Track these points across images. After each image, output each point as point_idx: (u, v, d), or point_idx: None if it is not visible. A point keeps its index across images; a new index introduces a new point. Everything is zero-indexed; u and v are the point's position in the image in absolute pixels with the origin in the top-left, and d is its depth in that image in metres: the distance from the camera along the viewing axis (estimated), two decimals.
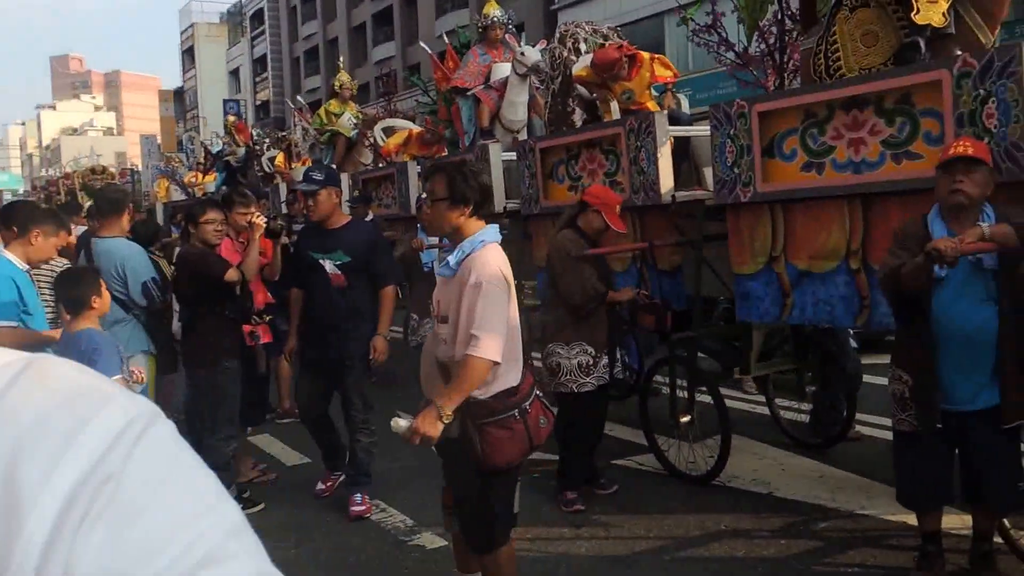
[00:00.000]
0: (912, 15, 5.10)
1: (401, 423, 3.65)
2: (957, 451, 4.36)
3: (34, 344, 4.87)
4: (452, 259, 3.75)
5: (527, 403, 3.74)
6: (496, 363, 3.60)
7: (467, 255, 3.69)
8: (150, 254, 6.70)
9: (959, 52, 4.94)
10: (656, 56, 7.94)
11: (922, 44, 5.13)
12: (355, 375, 5.91)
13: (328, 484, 6.39)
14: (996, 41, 5.33)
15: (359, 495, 5.95)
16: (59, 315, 5.34)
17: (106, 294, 4.93)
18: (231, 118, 21.63)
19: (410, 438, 3.60)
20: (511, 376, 3.76)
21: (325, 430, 6.27)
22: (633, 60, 7.64)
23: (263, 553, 0.77)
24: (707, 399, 6.24)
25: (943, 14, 5.09)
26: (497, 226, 3.90)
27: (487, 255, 3.70)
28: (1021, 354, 4.09)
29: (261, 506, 6.05)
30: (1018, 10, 19.42)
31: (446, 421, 3.57)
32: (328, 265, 5.77)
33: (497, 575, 3.97)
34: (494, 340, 3.57)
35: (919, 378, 4.25)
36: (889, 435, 4.71)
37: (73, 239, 7.23)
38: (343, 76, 14.69)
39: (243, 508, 3.24)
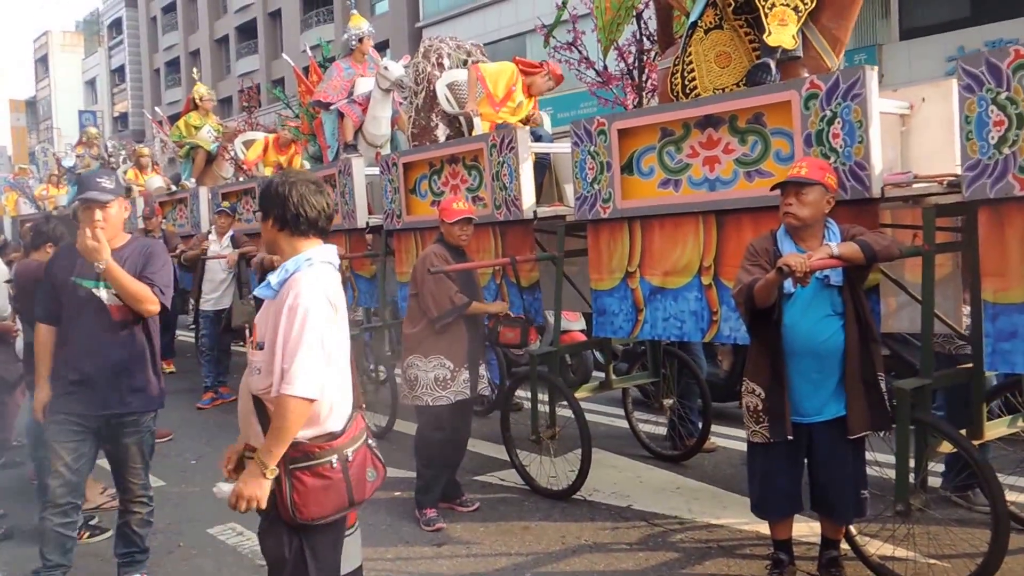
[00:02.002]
0: (764, 37, 5.26)
1: (224, 488, 3.15)
2: (806, 461, 4.48)
3: None
4: (274, 279, 3.23)
5: (350, 449, 3.24)
6: (313, 401, 3.08)
7: (290, 275, 3.19)
8: None
9: (807, 74, 5.12)
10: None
11: (773, 65, 5.28)
12: (140, 435, 4.77)
13: None
14: (841, 65, 5.54)
15: None
16: None
17: None
18: (92, 130, 20.79)
19: (236, 504, 3.09)
20: (328, 416, 3.21)
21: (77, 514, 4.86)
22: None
23: None
24: (568, 413, 6.26)
25: (793, 37, 5.26)
26: (333, 248, 3.40)
27: (312, 275, 3.20)
28: (864, 367, 4.25)
29: (110, 533, 5.72)
30: (856, 39, 20.41)
31: (271, 476, 3.08)
32: (105, 295, 4.56)
33: None
34: (310, 374, 3.06)
35: (770, 390, 4.36)
36: (743, 446, 4.81)
37: None
38: (201, 88, 14.34)
39: (91, 535, 3.10)
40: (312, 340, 3.08)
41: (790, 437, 4.34)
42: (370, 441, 3.40)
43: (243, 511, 3.10)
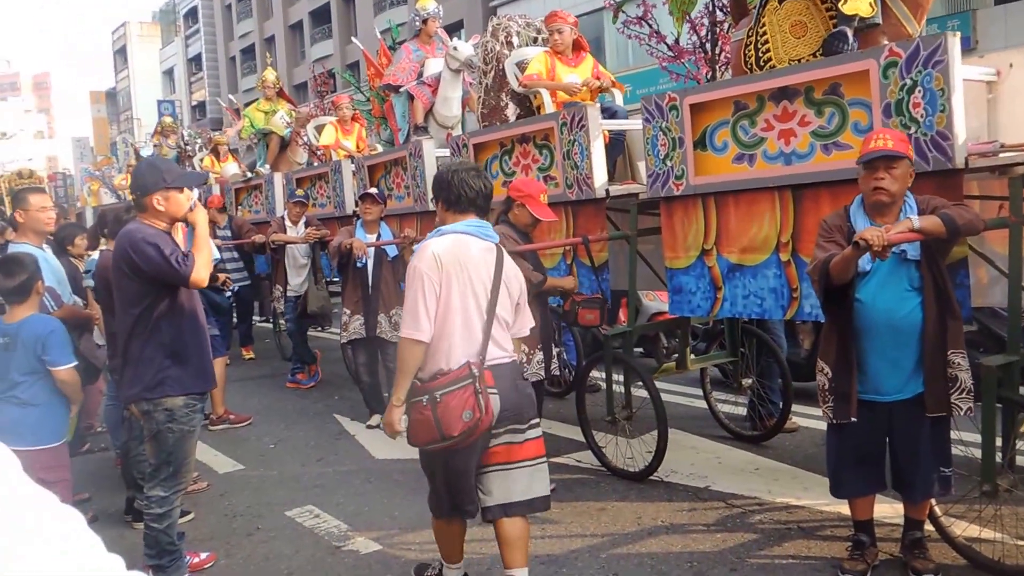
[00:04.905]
0: (840, 5, 5.10)
1: (373, 420, 3.92)
2: (888, 440, 4.35)
3: None
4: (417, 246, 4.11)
5: (442, 391, 3.79)
6: (419, 341, 3.83)
7: (423, 243, 4.00)
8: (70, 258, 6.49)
9: (886, 42, 4.95)
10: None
11: (850, 34, 5.12)
12: None
13: None
14: (923, 32, 5.35)
15: None
16: None
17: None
18: (167, 120, 21.14)
19: (389, 433, 4.01)
20: (437, 360, 3.90)
21: None
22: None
23: None
24: (644, 394, 6.19)
25: (870, 4, 5.09)
26: (477, 222, 4.05)
27: (434, 241, 3.95)
28: (944, 344, 4.09)
29: (191, 516, 5.82)
30: (948, 5, 19.77)
31: (397, 405, 3.94)
32: None
33: (438, 542, 4.46)
34: (414, 319, 3.84)
35: (837, 370, 4.25)
36: (825, 426, 4.70)
37: None
38: (266, 74, 14.41)
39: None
40: (416, 290, 3.85)
41: (853, 419, 4.22)
42: (477, 385, 3.82)
43: (393, 436, 4.04)
